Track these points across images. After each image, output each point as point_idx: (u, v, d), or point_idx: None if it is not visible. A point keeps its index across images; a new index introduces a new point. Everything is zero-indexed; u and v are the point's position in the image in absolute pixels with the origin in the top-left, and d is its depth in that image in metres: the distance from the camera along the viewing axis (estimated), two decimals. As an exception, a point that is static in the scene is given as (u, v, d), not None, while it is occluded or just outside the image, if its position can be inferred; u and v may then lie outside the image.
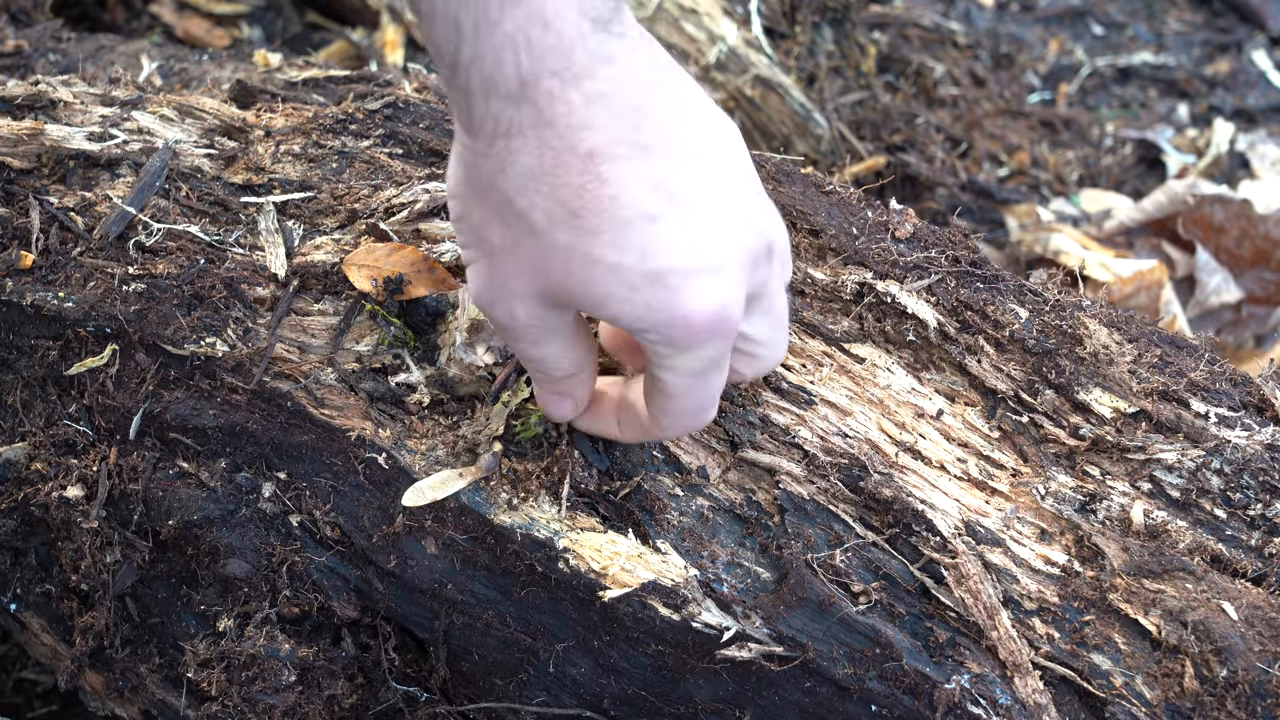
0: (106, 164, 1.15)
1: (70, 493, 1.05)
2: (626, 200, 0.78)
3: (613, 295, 0.80)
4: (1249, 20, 2.94)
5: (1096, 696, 0.97)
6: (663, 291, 0.80)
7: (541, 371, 0.93)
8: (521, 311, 0.85)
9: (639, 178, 0.78)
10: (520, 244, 0.81)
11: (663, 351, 0.84)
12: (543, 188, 0.78)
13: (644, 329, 0.82)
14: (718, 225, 0.81)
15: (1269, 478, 1.03)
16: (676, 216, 0.79)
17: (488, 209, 0.82)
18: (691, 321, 0.81)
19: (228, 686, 1.03)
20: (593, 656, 1.03)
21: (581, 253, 0.79)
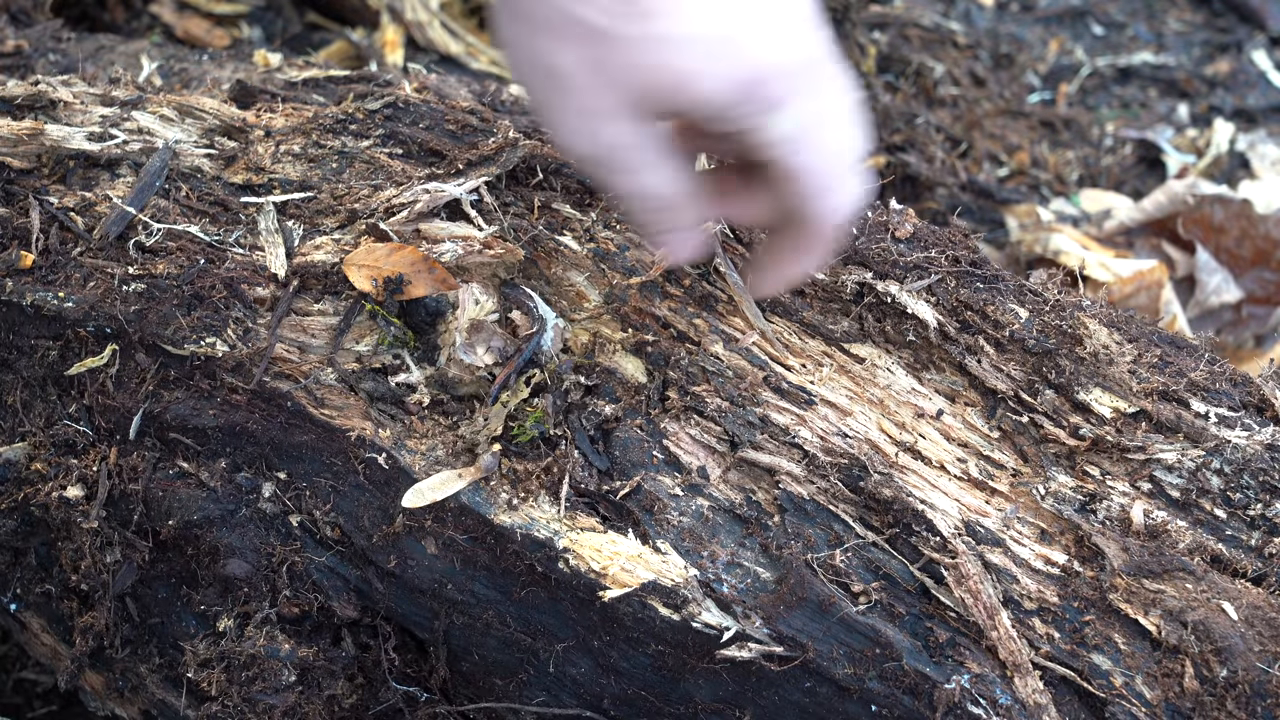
0: (106, 164, 1.15)
1: (70, 493, 1.05)
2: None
3: (695, 71, 0.79)
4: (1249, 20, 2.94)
5: (1096, 696, 0.97)
6: (736, 54, 0.79)
7: (651, 200, 0.89)
8: (612, 133, 0.83)
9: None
10: (590, 55, 0.80)
11: (759, 122, 0.82)
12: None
13: (734, 100, 0.81)
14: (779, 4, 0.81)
15: (1269, 478, 1.03)
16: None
17: (547, 36, 0.80)
18: (775, 72, 0.80)
19: (228, 686, 1.03)
20: (593, 656, 1.03)
21: (653, 37, 0.78)
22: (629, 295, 1.08)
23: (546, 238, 1.10)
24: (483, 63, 2.07)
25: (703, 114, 0.83)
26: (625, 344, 1.07)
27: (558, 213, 1.12)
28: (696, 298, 1.09)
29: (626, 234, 1.12)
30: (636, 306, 1.08)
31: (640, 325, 1.07)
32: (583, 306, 1.09)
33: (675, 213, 0.91)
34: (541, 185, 1.14)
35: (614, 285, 1.09)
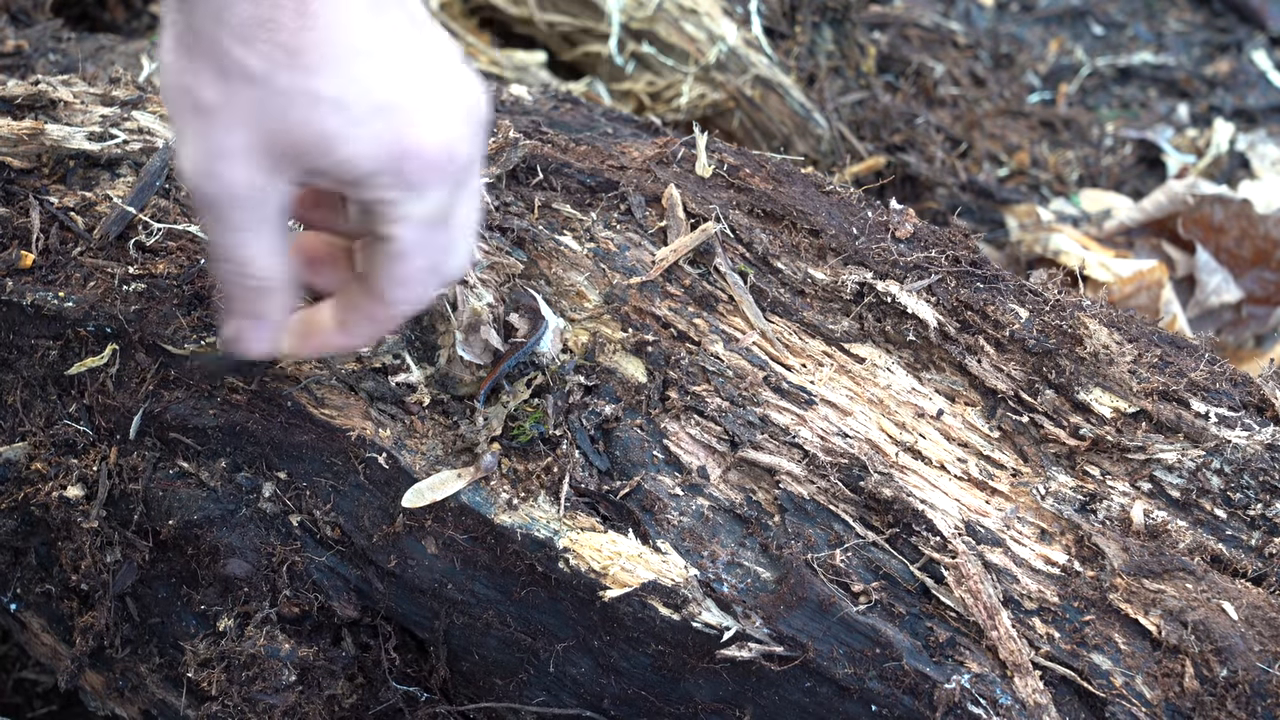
0: (107, 164, 1.15)
1: (70, 492, 1.05)
2: (349, 38, 0.77)
3: (340, 133, 0.78)
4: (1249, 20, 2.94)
5: (1096, 696, 0.97)
6: (391, 123, 0.79)
7: (252, 278, 0.86)
8: (238, 175, 0.80)
9: (360, 17, 0.77)
10: (237, 95, 0.78)
11: (392, 197, 0.81)
12: (261, 34, 0.76)
13: (373, 170, 0.80)
14: (434, 68, 0.80)
15: (1269, 478, 1.03)
16: (391, 55, 0.78)
17: (202, 66, 0.79)
18: (424, 153, 0.79)
19: (228, 686, 1.03)
20: (593, 656, 1.03)
21: (304, 92, 0.77)
22: (629, 295, 1.08)
23: (546, 238, 1.10)
24: (482, 63, 2.08)
25: (342, 178, 0.82)
26: (625, 344, 1.07)
27: (558, 213, 1.12)
28: (696, 297, 1.09)
29: (627, 234, 1.12)
30: (636, 306, 1.08)
31: (640, 325, 1.07)
32: (583, 306, 1.09)
33: (265, 302, 0.88)
34: (542, 185, 1.14)
35: (614, 285, 1.09)
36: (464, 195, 0.85)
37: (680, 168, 1.16)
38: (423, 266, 0.86)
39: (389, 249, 0.85)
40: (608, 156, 1.17)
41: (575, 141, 1.20)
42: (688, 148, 1.17)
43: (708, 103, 2.01)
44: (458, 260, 0.89)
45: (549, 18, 2.17)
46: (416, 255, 0.85)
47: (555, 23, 2.16)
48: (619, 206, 1.13)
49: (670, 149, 1.17)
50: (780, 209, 1.12)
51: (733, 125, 2.03)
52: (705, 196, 1.13)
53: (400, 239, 0.84)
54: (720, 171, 1.15)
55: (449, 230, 0.85)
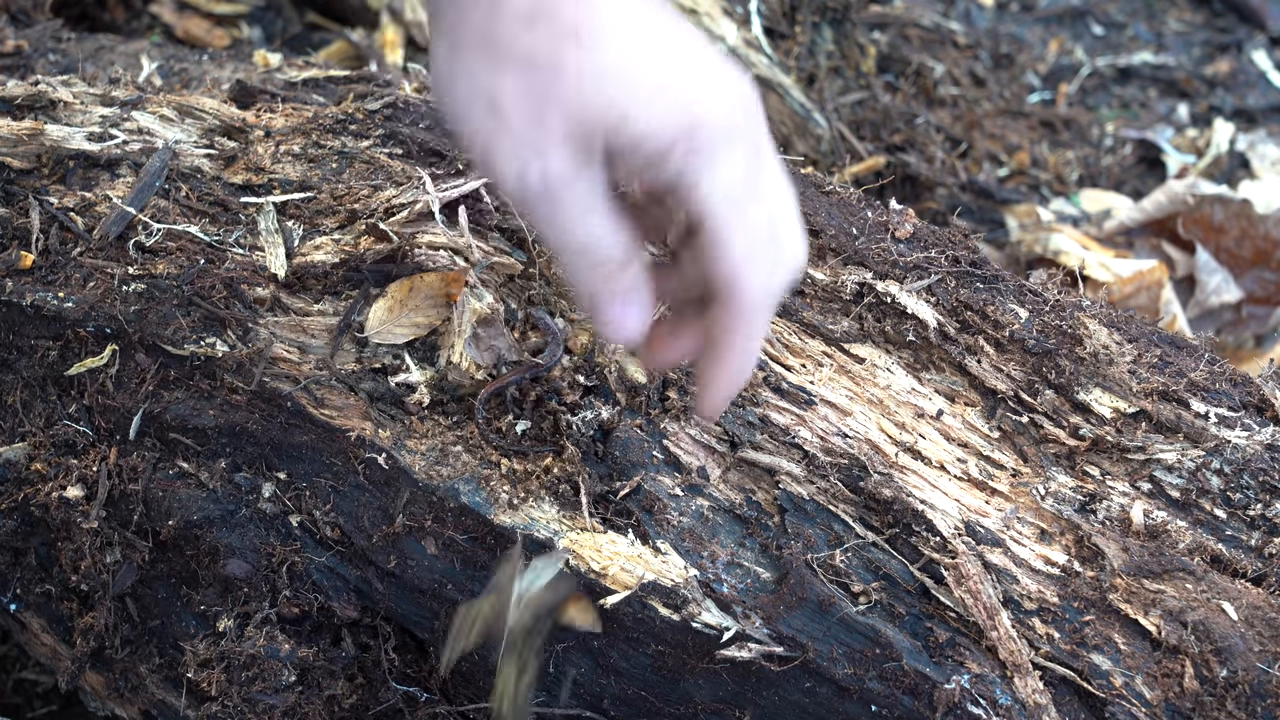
0: (106, 164, 1.15)
1: (70, 493, 1.05)
2: (626, 20, 0.77)
3: (634, 103, 0.78)
4: (1249, 20, 2.94)
5: (1096, 696, 0.97)
6: (678, 97, 0.78)
7: (598, 262, 0.84)
8: (555, 163, 0.80)
9: (632, 2, 0.78)
10: (532, 86, 0.78)
11: (693, 166, 0.79)
12: (540, 22, 0.77)
13: (669, 140, 0.79)
14: (711, 55, 0.81)
15: (1269, 478, 1.03)
16: (674, 38, 0.79)
17: (488, 66, 0.79)
18: (712, 120, 0.79)
19: (228, 687, 1.03)
20: (593, 656, 1.03)
21: (594, 66, 0.77)
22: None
23: (546, 238, 1.10)
24: (483, 63, 2.07)
25: (641, 152, 0.80)
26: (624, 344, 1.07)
27: (558, 213, 1.12)
28: (696, 298, 1.09)
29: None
30: (636, 306, 1.08)
31: (640, 325, 1.07)
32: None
33: (619, 273, 0.85)
34: (541, 185, 1.14)
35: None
36: (764, 165, 0.83)
37: (680, 168, 1.16)
38: (751, 243, 0.82)
39: (711, 234, 0.82)
40: (607, 157, 1.17)
41: (575, 142, 1.20)
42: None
43: (708, 103, 2.01)
44: (790, 245, 0.84)
45: (549, 18, 2.16)
46: (736, 229, 0.81)
47: (555, 23, 2.15)
48: (619, 207, 1.13)
49: (670, 149, 1.17)
50: (780, 209, 1.12)
51: (733, 125, 2.02)
52: (705, 197, 1.13)
53: (715, 214, 0.81)
54: (720, 172, 1.15)
55: (762, 202, 0.83)
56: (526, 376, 1.04)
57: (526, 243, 1.10)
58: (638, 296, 0.86)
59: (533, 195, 0.81)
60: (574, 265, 0.85)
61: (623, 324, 0.86)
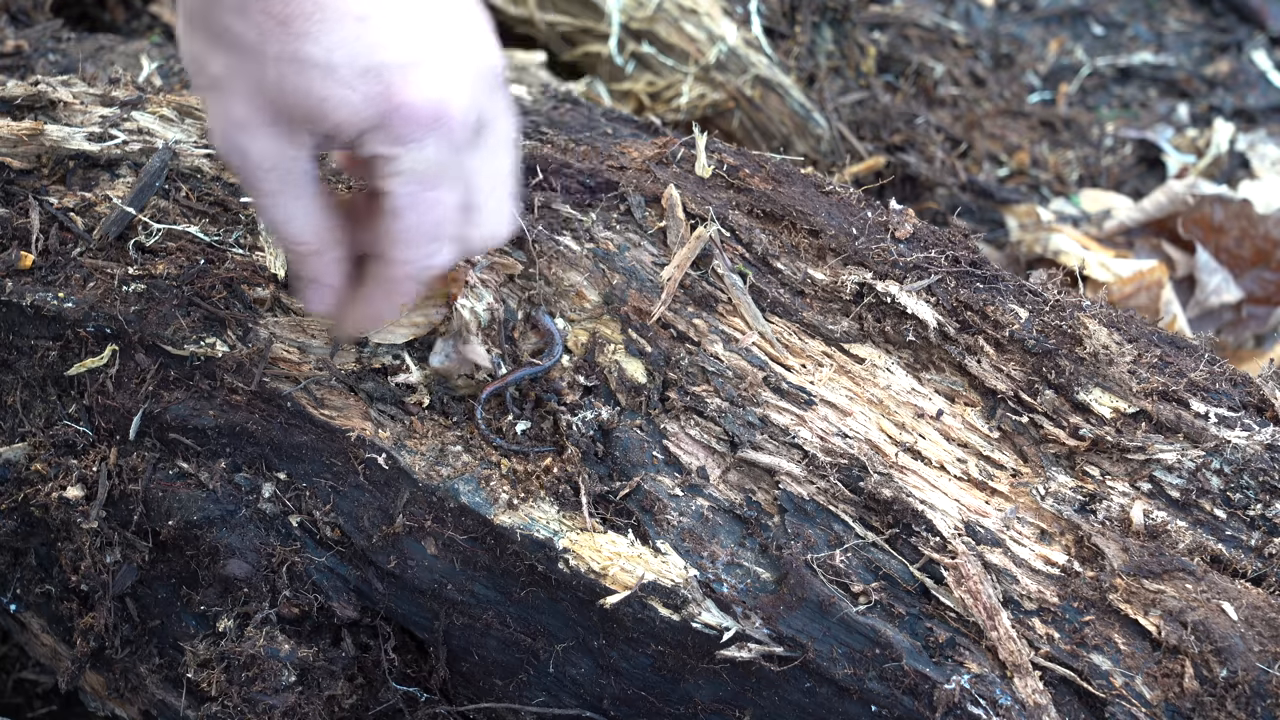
0: (106, 164, 1.15)
1: (70, 493, 1.05)
2: (342, 4, 0.79)
3: (331, 97, 0.81)
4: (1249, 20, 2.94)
5: (1096, 697, 0.97)
6: (378, 84, 0.81)
7: (289, 241, 0.91)
8: (255, 145, 0.84)
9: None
10: (240, 66, 0.82)
11: (384, 152, 0.83)
12: (253, 6, 0.79)
13: (365, 129, 0.82)
14: (438, 27, 0.82)
15: (1269, 478, 1.03)
16: (390, 16, 0.81)
17: (208, 38, 0.82)
18: (412, 109, 0.81)
19: (228, 687, 1.03)
20: (593, 657, 1.03)
21: (294, 58, 0.80)
22: (628, 295, 1.08)
23: (546, 238, 1.10)
24: (483, 63, 2.07)
25: (342, 139, 0.84)
26: (625, 344, 1.07)
27: (557, 213, 1.12)
28: (696, 298, 1.09)
29: (626, 234, 1.12)
30: (636, 307, 1.08)
31: (640, 325, 1.07)
32: (582, 307, 1.09)
33: (312, 257, 0.92)
34: (541, 185, 1.14)
35: (614, 285, 1.09)
36: (475, 155, 0.87)
37: (680, 168, 1.16)
38: (419, 223, 0.88)
39: (388, 206, 0.87)
40: (607, 157, 1.17)
41: (575, 142, 1.20)
42: (687, 148, 1.17)
43: (708, 103, 2.01)
44: (478, 226, 0.90)
45: (549, 18, 2.17)
46: (411, 211, 0.87)
47: (555, 23, 2.16)
48: (619, 207, 1.13)
49: (670, 149, 1.17)
50: (780, 209, 1.12)
51: (732, 125, 2.03)
52: (705, 197, 1.13)
53: (395, 194, 0.86)
54: (720, 172, 1.15)
55: (451, 189, 0.87)
56: (526, 376, 1.04)
57: (526, 243, 1.10)
58: (328, 279, 0.93)
59: (234, 167, 0.86)
60: (275, 237, 0.93)
61: (308, 303, 0.95)
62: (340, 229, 0.92)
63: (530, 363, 1.05)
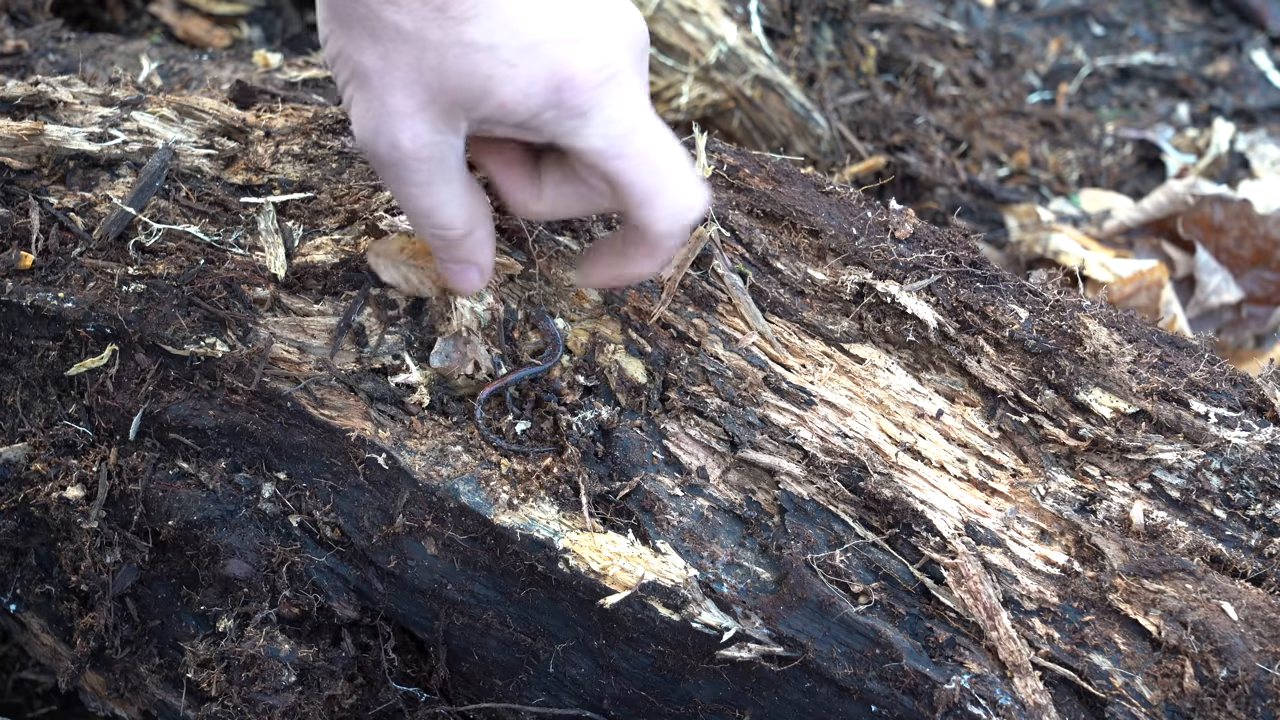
0: (106, 164, 1.15)
1: (70, 493, 1.05)
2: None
3: (495, 76, 0.81)
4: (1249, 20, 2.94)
5: (1096, 697, 0.97)
6: (542, 59, 0.81)
7: (437, 228, 0.90)
8: (407, 134, 0.83)
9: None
10: (395, 56, 0.81)
11: (566, 129, 0.83)
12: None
13: (537, 108, 0.82)
14: (599, 5, 0.83)
15: (1269, 478, 1.03)
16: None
17: (357, 31, 0.82)
18: (577, 78, 0.81)
19: (228, 687, 1.03)
20: (593, 657, 1.03)
21: (456, 42, 0.80)
22: (628, 295, 1.08)
23: (546, 238, 1.10)
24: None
25: (509, 121, 0.84)
26: (625, 344, 1.07)
27: (558, 213, 1.12)
28: (696, 298, 1.09)
29: (626, 234, 1.12)
30: (636, 307, 1.08)
31: (640, 326, 1.07)
32: (582, 306, 1.09)
33: (465, 246, 0.92)
34: (541, 185, 1.14)
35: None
36: (631, 100, 0.85)
37: (680, 168, 1.16)
38: (642, 179, 0.86)
39: (608, 180, 0.85)
40: (607, 157, 1.17)
41: (575, 142, 1.20)
42: (687, 148, 1.17)
43: (707, 103, 2.01)
44: (670, 150, 0.87)
45: (549, 18, 2.16)
46: (632, 172, 0.84)
47: (555, 23, 2.15)
48: (619, 207, 1.13)
49: (670, 149, 1.17)
50: (780, 209, 1.12)
51: (732, 125, 2.03)
52: (705, 197, 1.13)
53: (602, 163, 0.84)
54: (720, 172, 1.15)
55: (649, 135, 0.85)
56: (525, 377, 1.04)
57: (526, 243, 1.10)
58: (477, 259, 0.93)
59: (381, 162, 0.85)
60: (417, 226, 0.92)
61: (459, 283, 0.95)
62: (486, 205, 0.92)
63: (530, 363, 1.05)
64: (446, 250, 0.93)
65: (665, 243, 0.89)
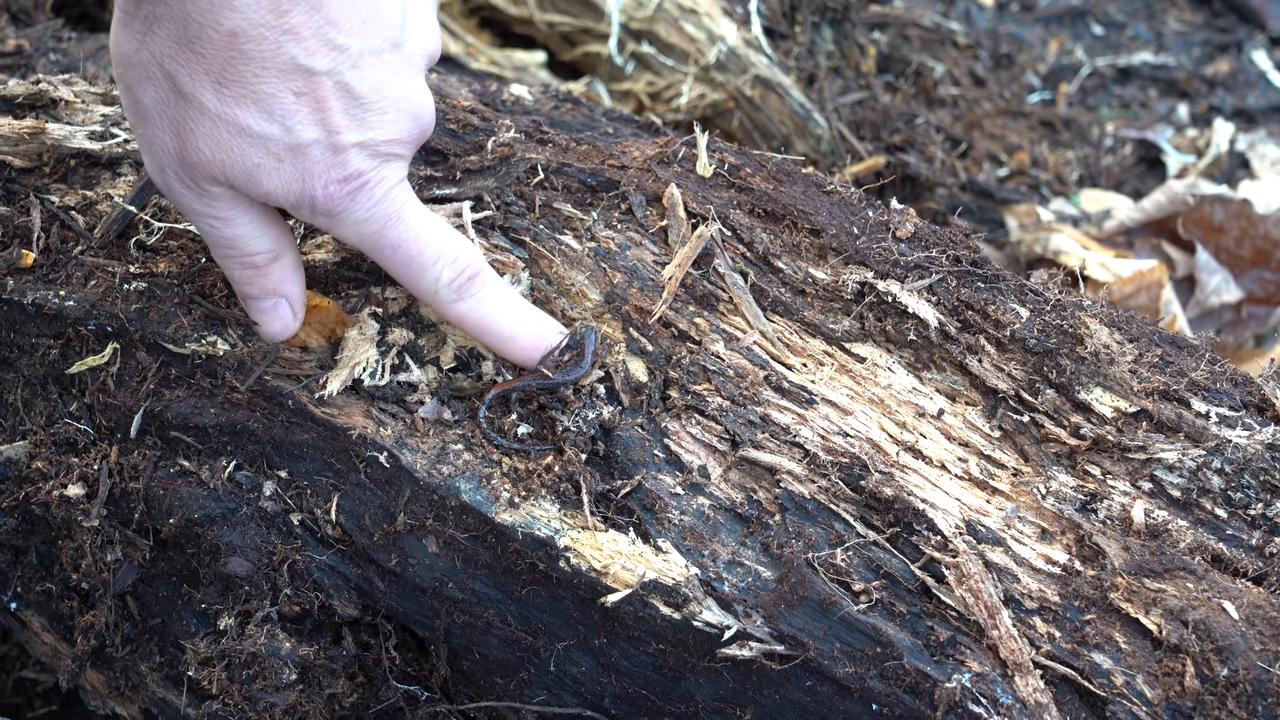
0: (108, 163, 1.15)
1: (71, 491, 1.05)
2: (271, 78, 0.80)
3: (261, 166, 0.83)
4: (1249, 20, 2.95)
5: (1097, 695, 0.97)
6: (304, 163, 0.83)
7: (244, 256, 0.91)
8: (191, 177, 0.85)
9: (284, 58, 0.80)
10: (171, 106, 0.82)
11: (326, 224, 0.87)
12: (189, 57, 0.80)
13: (296, 204, 0.85)
14: (370, 104, 0.84)
15: (1269, 477, 1.03)
16: (321, 97, 0.82)
17: (140, 70, 0.83)
18: (329, 189, 0.84)
19: (228, 685, 1.03)
20: (593, 655, 1.03)
21: (229, 121, 0.81)
22: (630, 294, 1.08)
23: (547, 237, 1.10)
24: (482, 63, 2.08)
25: (274, 203, 0.87)
26: (626, 343, 1.07)
27: (559, 212, 1.12)
28: (697, 297, 1.09)
29: (628, 233, 1.12)
30: (637, 305, 1.08)
31: (641, 324, 1.07)
32: (583, 305, 1.09)
33: (272, 276, 0.94)
34: (542, 184, 1.14)
35: (615, 284, 1.09)
36: (387, 209, 0.90)
37: (681, 167, 1.16)
38: (403, 266, 0.93)
39: (376, 262, 0.92)
40: (608, 156, 1.17)
41: (576, 141, 1.20)
42: (688, 147, 1.17)
43: (708, 103, 2.01)
44: (455, 252, 0.95)
45: (549, 18, 2.17)
46: (389, 263, 0.92)
47: (555, 23, 2.16)
48: (620, 206, 1.13)
49: (671, 149, 1.17)
50: (781, 209, 1.12)
51: (733, 125, 2.03)
52: (706, 196, 1.13)
53: (369, 253, 0.91)
54: (721, 171, 1.15)
55: (398, 230, 0.91)
56: (533, 385, 1.04)
57: (526, 242, 1.10)
58: (286, 290, 0.94)
59: (173, 194, 0.87)
60: (224, 260, 0.93)
61: (271, 324, 0.96)
62: (288, 233, 0.94)
63: (541, 374, 1.04)
64: (255, 283, 0.94)
65: (436, 305, 0.97)
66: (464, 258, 0.94)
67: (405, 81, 0.86)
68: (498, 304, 0.98)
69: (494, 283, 0.97)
